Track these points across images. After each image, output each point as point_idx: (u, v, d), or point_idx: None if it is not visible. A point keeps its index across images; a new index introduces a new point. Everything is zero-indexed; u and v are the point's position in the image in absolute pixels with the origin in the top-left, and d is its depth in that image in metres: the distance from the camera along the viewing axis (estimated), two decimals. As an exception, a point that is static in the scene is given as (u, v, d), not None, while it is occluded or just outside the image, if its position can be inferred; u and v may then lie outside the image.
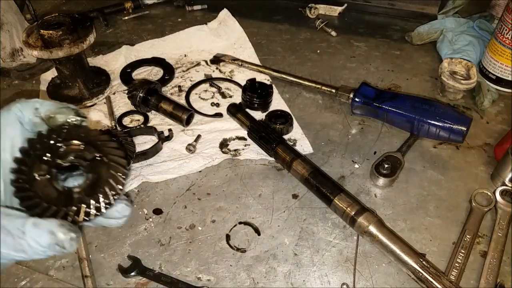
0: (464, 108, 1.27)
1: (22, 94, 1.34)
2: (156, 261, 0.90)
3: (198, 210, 1.00)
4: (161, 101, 1.19)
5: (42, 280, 0.86)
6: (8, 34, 1.39)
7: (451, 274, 0.86)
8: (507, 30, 1.22)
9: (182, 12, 1.74)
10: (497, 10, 1.52)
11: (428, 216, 0.98)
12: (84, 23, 1.24)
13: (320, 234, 0.95)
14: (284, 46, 1.55)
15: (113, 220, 0.65)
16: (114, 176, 0.64)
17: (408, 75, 1.40)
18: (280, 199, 1.02)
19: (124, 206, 0.64)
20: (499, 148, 1.09)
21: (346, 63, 1.46)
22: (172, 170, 1.07)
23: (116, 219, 0.66)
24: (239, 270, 0.88)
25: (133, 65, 1.42)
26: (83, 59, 1.28)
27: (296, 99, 1.31)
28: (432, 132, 1.11)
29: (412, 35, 1.53)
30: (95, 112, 1.25)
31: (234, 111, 1.20)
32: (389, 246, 0.85)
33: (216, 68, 1.43)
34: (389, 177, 1.03)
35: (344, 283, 0.86)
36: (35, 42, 1.19)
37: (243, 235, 0.95)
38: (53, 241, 0.53)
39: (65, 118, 0.66)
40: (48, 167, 0.63)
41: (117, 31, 1.64)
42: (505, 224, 0.94)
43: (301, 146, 1.14)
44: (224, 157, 1.11)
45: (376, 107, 1.17)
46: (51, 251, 0.53)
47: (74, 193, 0.63)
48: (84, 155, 0.65)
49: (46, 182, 0.62)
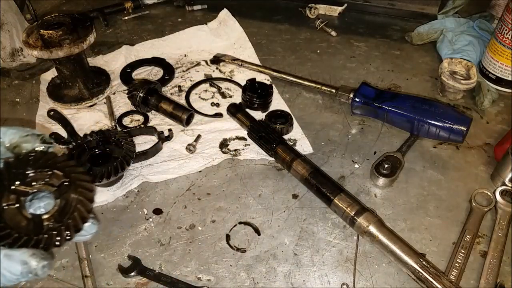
0: (464, 108, 1.27)
1: (22, 94, 1.34)
2: (156, 261, 0.90)
3: (198, 210, 1.00)
4: (161, 101, 1.19)
5: (42, 280, 0.86)
6: (8, 34, 1.39)
7: (451, 274, 0.86)
8: (507, 30, 1.22)
9: (182, 12, 1.74)
10: (497, 10, 1.52)
11: (428, 216, 0.98)
12: (84, 23, 1.24)
13: (320, 234, 0.95)
14: (284, 46, 1.55)
15: (81, 236, 0.68)
16: (82, 202, 0.66)
17: (408, 75, 1.40)
18: (280, 199, 1.02)
19: (91, 225, 0.67)
20: (499, 148, 1.09)
21: (346, 63, 1.46)
22: (172, 170, 1.07)
23: (84, 236, 0.68)
24: (239, 270, 0.88)
25: (133, 65, 1.42)
26: (83, 59, 1.28)
27: (296, 99, 1.31)
28: (432, 132, 1.11)
29: (412, 35, 1.53)
30: (95, 112, 1.25)
31: (234, 111, 1.20)
32: (389, 246, 0.85)
33: (216, 68, 1.43)
34: (389, 177, 1.03)
35: (344, 283, 0.86)
36: (35, 42, 1.19)
37: (243, 235, 0.95)
38: (26, 270, 0.55)
39: (31, 146, 0.67)
40: (17, 196, 0.64)
41: (117, 31, 1.64)
42: (505, 224, 0.94)
43: (301, 146, 1.14)
44: (224, 157, 1.11)
45: (376, 107, 1.17)
46: (24, 278, 0.55)
47: (43, 220, 0.64)
48: (51, 182, 0.67)
49: (15, 211, 0.63)
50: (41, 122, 1.21)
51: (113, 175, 0.98)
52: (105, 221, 0.97)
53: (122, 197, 1.02)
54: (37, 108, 1.27)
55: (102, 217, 0.98)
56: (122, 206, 1.01)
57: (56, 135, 1.13)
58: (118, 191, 1.03)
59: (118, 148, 1.07)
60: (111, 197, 1.02)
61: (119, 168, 0.99)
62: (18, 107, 1.29)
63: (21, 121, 1.24)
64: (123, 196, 1.03)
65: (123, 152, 1.03)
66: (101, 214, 0.99)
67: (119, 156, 1.02)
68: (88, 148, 1.07)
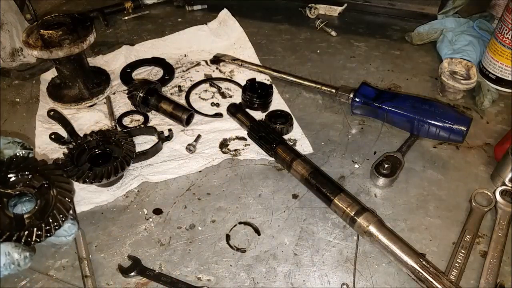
0: (464, 108, 1.27)
1: (22, 94, 1.34)
2: (156, 261, 0.90)
3: (198, 210, 1.00)
4: (161, 101, 1.19)
5: (42, 280, 0.86)
6: (8, 34, 1.39)
7: (451, 274, 0.86)
8: (507, 30, 1.22)
9: (182, 12, 1.74)
10: (497, 10, 1.52)
11: (428, 216, 0.98)
12: (84, 23, 1.24)
13: (320, 234, 0.95)
14: (284, 46, 1.55)
15: (63, 237, 0.75)
16: (61, 201, 0.74)
17: (408, 75, 1.40)
18: (280, 199, 1.02)
19: (71, 225, 0.74)
20: (499, 148, 1.09)
21: (346, 63, 1.46)
22: (172, 170, 1.07)
23: (65, 236, 0.76)
24: (239, 270, 0.88)
25: (133, 65, 1.42)
26: (83, 59, 1.28)
27: (296, 99, 1.31)
28: (432, 132, 1.11)
29: (412, 35, 1.53)
30: (95, 112, 1.25)
31: (234, 111, 1.20)
32: (389, 246, 0.85)
33: (216, 68, 1.43)
34: (389, 177, 1.03)
35: (344, 283, 0.86)
36: (35, 42, 1.19)
37: (243, 235, 0.95)
38: (9, 260, 0.62)
39: (13, 152, 0.76)
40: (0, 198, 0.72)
41: (117, 31, 1.64)
42: (505, 224, 0.94)
43: (301, 146, 1.14)
44: (224, 157, 1.11)
45: (376, 107, 1.17)
46: (8, 270, 0.63)
47: (25, 219, 0.72)
48: (32, 184, 0.76)
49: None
50: (41, 122, 1.21)
51: (113, 175, 0.98)
52: (105, 221, 0.97)
53: (122, 197, 1.02)
54: (37, 108, 1.27)
55: (102, 217, 0.98)
56: (122, 206, 1.01)
57: (56, 135, 1.13)
58: (118, 191, 1.03)
59: (118, 148, 1.07)
60: (111, 197, 1.02)
61: (119, 168, 0.99)
62: (18, 107, 1.29)
63: (21, 121, 1.24)
64: (123, 196, 1.03)
65: (123, 152, 1.03)
66: (101, 214, 0.99)
67: (119, 156, 1.02)
68: (88, 148, 1.07)
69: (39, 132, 1.18)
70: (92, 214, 0.99)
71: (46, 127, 1.20)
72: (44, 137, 1.15)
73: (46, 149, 1.13)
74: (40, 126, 1.20)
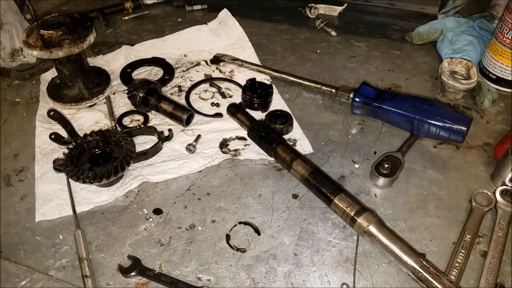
0: (464, 108, 1.27)
1: (22, 94, 1.34)
2: (156, 261, 0.90)
3: (198, 210, 1.00)
4: (161, 101, 1.19)
5: (42, 280, 0.86)
6: (8, 34, 1.39)
7: (451, 274, 0.86)
8: (507, 30, 1.22)
9: (182, 12, 1.74)
10: (497, 10, 1.52)
11: (428, 216, 0.98)
12: (84, 23, 1.24)
13: (320, 234, 0.95)
14: (284, 46, 1.55)
15: None
16: None
17: (408, 75, 1.40)
18: (280, 199, 1.02)
19: None
20: (499, 148, 1.09)
21: (346, 63, 1.46)
22: (172, 170, 1.07)
23: None
24: (239, 270, 0.88)
25: (133, 65, 1.42)
26: (83, 59, 1.28)
27: (296, 99, 1.31)
28: (432, 132, 1.11)
29: (412, 35, 1.52)
30: (95, 112, 1.25)
31: (234, 111, 1.20)
32: (389, 246, 0.85)
33: (216, 68, 1.43)
34: (389, 177, 1.03)
35: (344, 283, 0.86)
36: (35, 42, 1.19)
37: (243, 235, 0.95)
38: None
39: None
40: None
41: (117, 31, 1.64)
42: (505, 224, 0.94)
43: (301, 146, 1.14)
44: (224, 157, 1.11)
45: (376, 107, 1.17)
46: None
47: None
48: None
49: None
50: (41, 122, 1.21)
51: (113, 175, 0.98)
52: (105, 221, 0.97)
53: (122, 197, 1.02)
54: (37, 108, 1.27)
55: (102, 217, 0.98)
56: (122, 206, 1.01)
57: (56, 135, 1.13)
58: (118, 191, 1.03)
59: (118, 148, 1.07)
60: (111, 197, 1.02)
61: (119, 168, 0.99)
62: (18, 107, 1.29)
63: (21, 121, 1.24)
64: (123, 196, 1.03)
65: (123, 152, 1.03)
66: (101, 214, 0.99)
67: (119, 156, 1.03)
68: (88, 148, 1.07)
69: (39, 132, 1.18)
70: (92, 214, 0.99)
71: (46, 127, 1.20)
72: (44, 137, 1.15)
73: (46, 149, 1.13)
74: (40, 126, 1.20)
